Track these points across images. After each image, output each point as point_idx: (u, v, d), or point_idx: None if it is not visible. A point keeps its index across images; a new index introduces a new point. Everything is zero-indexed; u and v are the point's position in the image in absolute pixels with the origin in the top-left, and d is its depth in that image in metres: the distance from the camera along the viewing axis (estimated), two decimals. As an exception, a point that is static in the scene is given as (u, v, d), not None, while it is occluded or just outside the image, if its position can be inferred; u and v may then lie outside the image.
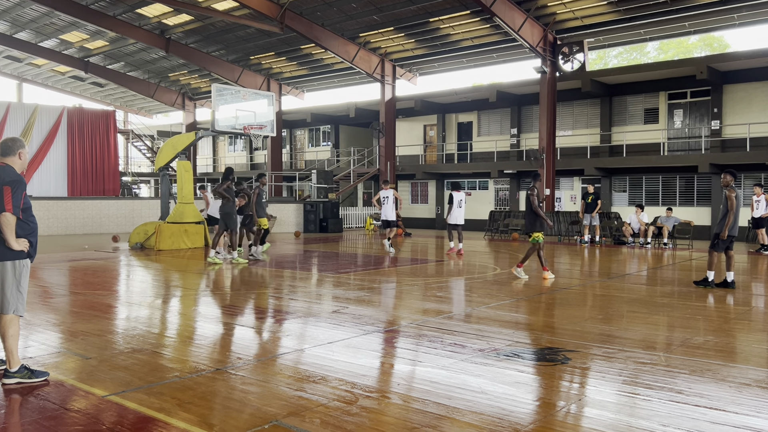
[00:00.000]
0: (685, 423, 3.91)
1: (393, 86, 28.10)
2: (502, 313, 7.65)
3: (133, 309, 8.10)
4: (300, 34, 24.52)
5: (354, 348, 5.84)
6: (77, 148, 27.38)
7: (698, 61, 22.93)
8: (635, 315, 7.59)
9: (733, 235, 9.63)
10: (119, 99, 42.08)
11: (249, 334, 6.62)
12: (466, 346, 5.89)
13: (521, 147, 27.69)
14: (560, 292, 9.39)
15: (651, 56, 46.41)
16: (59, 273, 11.82)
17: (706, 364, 5.30)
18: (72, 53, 33.42)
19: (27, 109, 26.51)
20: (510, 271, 10.91)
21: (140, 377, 4.83)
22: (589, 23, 22.24)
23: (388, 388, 4.71)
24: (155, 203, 24.31)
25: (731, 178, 9.69)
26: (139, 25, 27.62)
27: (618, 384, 4.75)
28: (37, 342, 5.98)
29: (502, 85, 27.33)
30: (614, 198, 25.16)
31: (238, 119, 17.34)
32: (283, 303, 8.50)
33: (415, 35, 25.47)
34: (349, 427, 3.82)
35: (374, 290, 9.71)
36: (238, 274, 11.73)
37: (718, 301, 8.79)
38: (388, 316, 7.63)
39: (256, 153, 38.71)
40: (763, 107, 21.90)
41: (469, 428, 3.81)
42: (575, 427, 3.92)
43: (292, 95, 34.10)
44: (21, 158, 4.77)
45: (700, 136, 23.17)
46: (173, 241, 16.68)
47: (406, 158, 31.57)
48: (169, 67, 33.74)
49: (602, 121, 25.54)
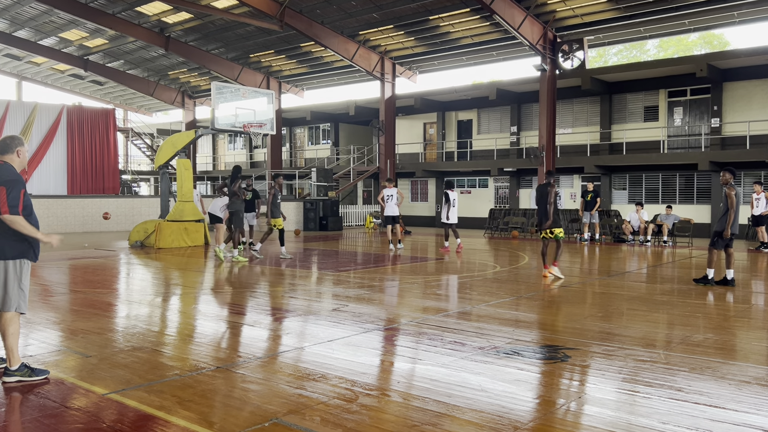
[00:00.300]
0: (685, 420, 3.91)
1: (393, 84, 28.06)
2: (501, 311, 7.65)
3: (133, 307, 8.10)
4: (299, 32, 24.48)
5: (354, 346, 5.84)
6: (77, 146, 27.34)
7: (698, 59, 22.90)
8: (635, 313, 7.60)
9: (734, 232, 9.63)
10: (119, 97, 42.04)
11: (249, 332, 6.62)
12: (466, 344, 5.89)
13: (521, 145, 27.67)
14: (560, 290, 9.39)
15: (651, 54, 46.40)
16: (59, 271, 11.82)
17: (706, 361, 5.31)
18: (71, 51, 33.38)
19: (26, 108, 26.48)
20: (543, 275, 10.44)
21: (140, 375, 4.84)
22: (589, 21, 22.20)
23: (388, 386, 4.72)
24: (155, 201, 24.31)
25: (730, 176, 9.69)
26: (139, 23, 27.58)
27: (618, 382, 4.75)
28: (38, 340, 5.98)
29: (502, 83, 27.30)
30: (614, 196, 25.14)
31: (238, 117, 17.32)
32: (283, 301, 8.50)
33: (414, 33, 25.43)
34: (350, 424, 3.83)
35: (374, 288, 9.72)
36: (238, 272, 11.74)
37: (718, 298, 8.80)
38: (388, 314, 7.64)
39: (256, 151, 38.69)
40: (763, 105, 21.88)
41: (469, 426, 3.81)
42: (575, 425, 3.92)
43: (292, 93, 34.05)
44: (19, 156, 4.77)
45: (700, 133, 23.15)
46: (173, 239, 16.69)
47: (405, 156, 31.54)
48: (168, 65, 33.70)
49: (602, 118, 25.51)
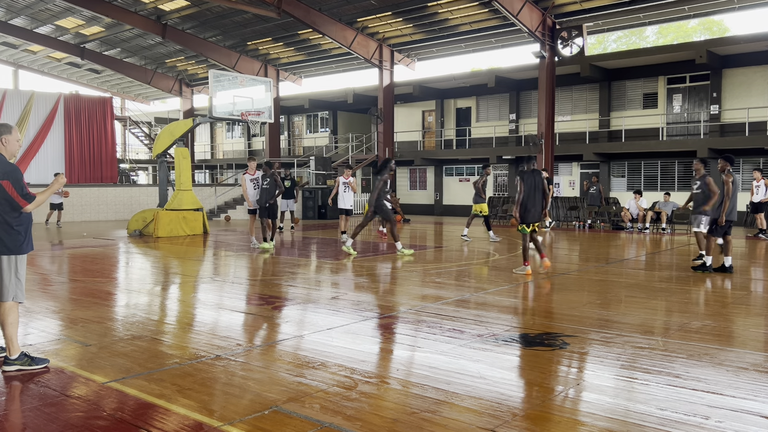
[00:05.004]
0: (683, 407, 3.93)
1: (391, 72, 27.93)
2: (500, 299, 7.67)
3: (132, 296, 8.11)
4: (297, 19, 24.32)
5: (353, 334, 5.86)
6: (74, 135, 27.24)
7: (697, 45, 22.82)
8: (633, 300, 7.62)
9: (731, 220, 9.64)
10: (116, 85, 41.83)
11: (248, 321, 6.63)
12: (464, 331, 5.91)
13: (520, 132, 27.62)
14: (558, 278, 9.40)
15: (650, 40, 46.20)
16: (58, 260, 11.82)
17: (704, 348, 5.33)
18: (68, 39, 33.16)
19: (23, 96, 26.36)
20: (545, 264, 9.91)
21: (140, 364, 4.85)
22: (588, 7, 22.07)
23: (387, 373, 4.73)
24: (153, 190, 24.28)
25: (725, 163, 9.69)
26: (135, 10, 27.38)
27: (616, 368, 4.77)
28: (37, 329, 5.99)
29: (500, 71, 27.18)
30: (613, 183, 25.14)
31: (236, 105, 17.25)
32: (282, 289, 8.51)
33: (413, 20, 25.28)
34: (349, 412, 3.84)
35: (373, 276, 9.73)
36: (236, 260, 11.74)
37: (716, 285, 8.82)
38: (387, 302, 7.65)
39: (254, 139, 38.60)
40: (762, 91, 21.83)
41: (468, 413, 3.83)
42: (573, 412, 3.94)
43: (290, 81, 33.88)
44: (5, 144, 4.70)
45: (699, 120, 23.11)
46: (171, 228, 16.69)
47: (404, 144, 31.47)
48: (165, 53, 33.50)
49: (601, 106, 25.45)
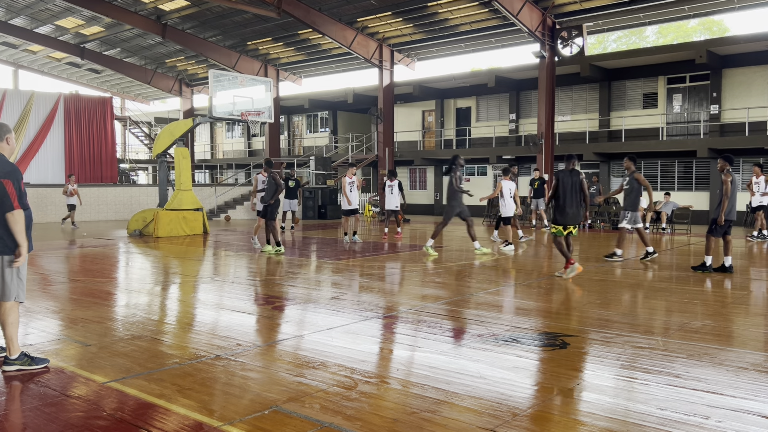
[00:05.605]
0: (683, 407, 3.93)
1: (391, 72, 27.92)
2: (500, 299, 7.67)
3: (132, 296, 8.11)
4: (297, 19, 24.31)
5: (353, 334, 5.86)
6: (74, 135, 27.23)
7: (697, 45, 22.80)
8: (633, 300, 7.62)
9: (731, 219, 9.64)
10: (116, 85, 41.82)
11: (248, 321, 6.63)
12: (465, 331, 5.91)
13: (520, 132, 27.61)
14: (558, 278, 9.40)
15: (650, 40, 46.19)
16: (58, 260, 11.82)
17: (704, 348, 5.33)
18: (67, 39, 33.14)
19: (23, 96, 26.35)
20: (578, 268, 9.33)
21: (140, 364, 4.85)
22: (588, 7, 22.06)
23: (387, 373, 4.73)
24: (153, 190, 24.28)
25: (725, 163, 9.68)
26: (135, 10, 27.37)
27: (616, 368, 4.77)
28: (37, 329, 5.99)
29: (500, 70, 27.17)
30: (613, 183, 25.12)
31: (236, 105, 17.25)
32: (283, 289, 8.51)
33: (413, 20, 25.27)
34: (349, 412, 3.84)
35: (373, 276, 9.73)
36: (236, 260, 11.74)
37: (716, 285, 8.82)
38: (387, 302, 7.65)
39: (254, 139, 38.58)
40: (762, 91, 21.82)
41: (468, 413, 3.83)
42: (573, 411, 3.94)
43: (290, 81, 33.87)
44: (9, 143, 4.73)
45: (699, 120, 23.10)
46: (171, 228, 16.69)
47: (404, 144, 31.46)
48: (165, 53, 33.50)
49: (601, 106, 25.45)
